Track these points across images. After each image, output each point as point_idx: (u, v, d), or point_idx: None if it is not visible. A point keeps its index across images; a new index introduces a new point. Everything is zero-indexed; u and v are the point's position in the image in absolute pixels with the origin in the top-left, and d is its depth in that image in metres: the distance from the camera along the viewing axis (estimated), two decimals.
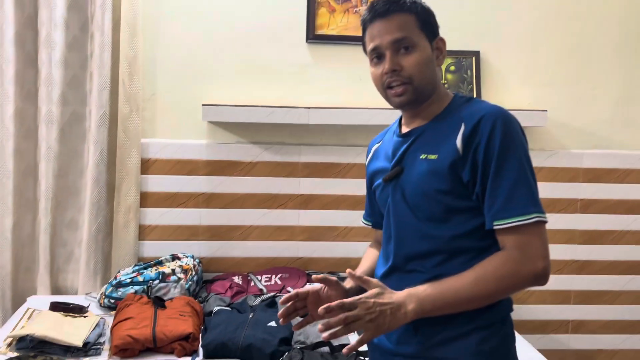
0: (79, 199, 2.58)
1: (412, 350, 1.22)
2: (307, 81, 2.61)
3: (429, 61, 1.24)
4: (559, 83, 2.70)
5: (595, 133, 2.73)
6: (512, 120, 1.21)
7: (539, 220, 1.16)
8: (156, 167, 2.59)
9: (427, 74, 1.24)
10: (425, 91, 1.25)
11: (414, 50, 1.22)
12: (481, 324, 1.20)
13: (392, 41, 1.22)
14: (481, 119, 1.18)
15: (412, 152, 1.26)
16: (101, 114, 2.48)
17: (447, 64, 2.64)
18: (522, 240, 1.14)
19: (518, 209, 1.15)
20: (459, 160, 1.18)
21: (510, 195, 1.15)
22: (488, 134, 1.16)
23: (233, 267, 2.64)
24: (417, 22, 1.23)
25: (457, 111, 1.23)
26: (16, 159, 2.48)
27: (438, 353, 1.20)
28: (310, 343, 2.00)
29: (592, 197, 2.74)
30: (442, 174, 1.19)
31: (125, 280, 2.32)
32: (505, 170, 1.16)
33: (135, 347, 1.92)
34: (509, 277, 1.14)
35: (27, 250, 2.56)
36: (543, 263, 1.15)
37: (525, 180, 1.16)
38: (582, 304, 2.78)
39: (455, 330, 1.19)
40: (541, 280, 1.17)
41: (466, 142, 1.18)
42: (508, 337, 1.24)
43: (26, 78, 2.49)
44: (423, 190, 1.21)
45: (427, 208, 1.22)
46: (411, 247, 1.25)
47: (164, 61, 2.57)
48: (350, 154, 2.64)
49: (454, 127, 1.21)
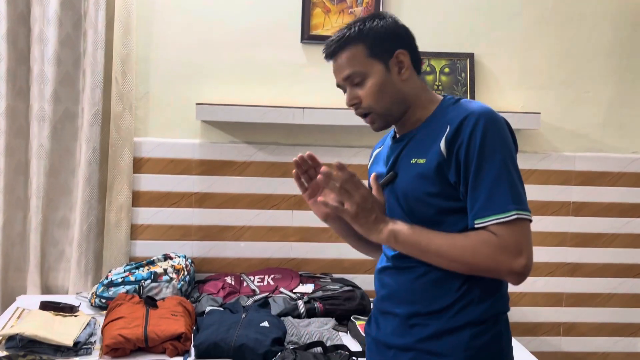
0: (70, 198, 2.56)
1: (406, 343, 1.24)
2: (302, 81, 2.60)
3: (384, 86, 1.26)
4: (553, 86, 2.72)
5: (587, 136, 2.75)
6: (496, 120, 1.21)
7: (518, 218, 1.16)
8: (149, 166, 2.57)
9: (386, 98, 1.27)
10: (393, 113, 1.28)
11: (365, 80, 1.26)
12: (474, 320, 1.22)
13: (344, 79, 1.28)
14: (464, 119, 1.20)
15: (404, 156, 1.29)
16: (94, 112, 2.47)
17: (442, 66, 2.64)
18: (502, 235, 1.16)
19: (497, 207, 1.16)
20: (444, 163, 1.20)
21: (490, 194, 1.16)
22: (469, 134, 1.18)
23: (225, 268, 2.63)
24: (366, 49, 1.26)
25: (444, 114, 1.26)
26: (7, 156, 2.46)
27: (431, 346, 1.22)
28: (303, 344, 1.99)
29: (584, 200, 2.75)
30: (430, 177, 1.22)
31: (117, 279, 2.30)
32: (485, 169, 1.17)
33: (126, 347, 1.90)
34: (484, 257, 1.16)
35: (18, 248, 2.54)
36: (523, 261, 1.15)
37: (506, 178, 1.17)
38: (574, 306, 2.79)
39: (449, 324, 1.21)
40: (516, 277, 1.18)
41: (449, 144, 1.20)
42: (501, 335, 1.25)
43: (18, 75, 2.47)
44: (414, 194, 1.24)
45: (420, 211, 1.24)
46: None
47: (157, 60, 2.56)
48: (345, 154, 2.64)
49: (439, 130, 1.23)
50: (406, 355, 1.24)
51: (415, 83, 1.31)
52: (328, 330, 2.14)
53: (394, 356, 1.26)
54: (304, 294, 2.38)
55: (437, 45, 2.64)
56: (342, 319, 2.27)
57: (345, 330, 2.20)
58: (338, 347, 1.98)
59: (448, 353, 1.20)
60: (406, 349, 1.24)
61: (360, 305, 2.31)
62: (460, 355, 1.20)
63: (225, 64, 2.58)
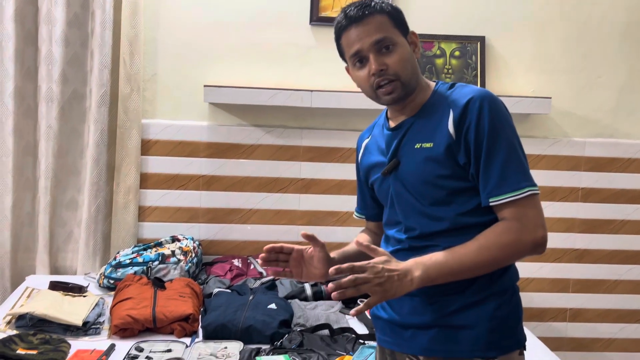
0: (78, 179, 2.57)
1: (427, 320, 1.25)
2: (311, 63, 2.58)
3: (409, 56, 1.29)
4: (564, 70, 2.68)
5: (598, 121, 2.72)
6: (498, 101, 1.25)
7: (531, 193, 1.21)
8: (157, 148, 2.57)
9: (410, 69, 1.28)
10: (411, 85, 1.29)
11: (395, 48, 1.26)
12: (497, 290, 1.25)
13: (373, 43, 1.25)
14: (468, 102, 1.23)
15: (406, 143, 1.30)
16: (102, 93, 2.46)
17: (452, 49, 2.62)
18: (519, 212, 1.20)
19: (511, 185, 1.20)
20: (453, 145, 1.23)
21: (502, 173, 1.20)
22: (477, 116, 1.21)
23: (233, 250, 2.64)
24: (391, 21, 1.28)
25: (443, 98, 1.28)
26: (16, 137, 2.46)
27: (454, 321, 1.24)
28: (310, 326, 2.00)
29: (593, 186, 2.73)
30: (440, 160, 1.24)
31: (125, 261, 2.31)
32: (496, 149, 1.21)
33: (134, 327, 1.92)
34: (511, 245, 1.19)
35: (27, 229, 2.56)
36: (542, 232, 1.20)
37: (515, 157, 1.22)
38: (581, 292, 2.79)
39: (473, 297, 1.23)
40: (539, 248, 1.21)
41: (457, 126, 1.22)
42: (518, 306, 1.29)
43: (26, 55, 2.47)
44: (424, 177, 1.26)
45: (430, 194, 1.26)
46: (420, 230, 1.29)
47: (165, 41, 2.55)
48: (352, 138, 2.59)
49: (442, 114, 1.25)
50: (427, 332, 1.25)
51: (418, 66, 1.34)
52: (335, 313, 2.15)
53: (412, 335, 1.27)
54: None
55: (448, 28, 2.61)
56: (348, 302, 2.27)
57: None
58: (345, 329, 1.99)
59: (473, 324, 1.22)
60: (427, 326, 1.25)
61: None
62: (485, 325, 1.22)
63: (234, 46, 2.56)
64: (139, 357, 1.77)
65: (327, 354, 1.80)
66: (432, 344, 1.25)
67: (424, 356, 1.26)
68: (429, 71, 2.60)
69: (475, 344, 1.22)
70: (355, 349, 1.81)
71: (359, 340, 1.93)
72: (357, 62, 1.29)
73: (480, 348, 1.22)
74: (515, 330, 1.26)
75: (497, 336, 1.23)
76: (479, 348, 1.22)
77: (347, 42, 1.29)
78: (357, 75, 1.30)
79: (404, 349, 1.29)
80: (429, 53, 2.60)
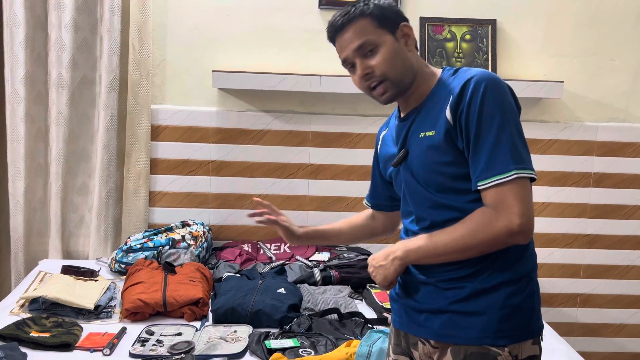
0: (89, 165, 2.59)
1: (439, 306, 1.26)
2: (319, 48, 2.56)
3: (395, 53, 1.28)
4: (577, 54, 2.64)
5: (611, 105, 2.68)
6: (496, 82, 1.22)
7: (519, 177, 1.17)
8: (166, 134, 2.58)
9: (398, 65, 1.28)
10: (404, 81, 1.29)
11: (378, 49, 1.27)
12: (510, 278, 1.24)
13: (355, 49, 1.28)
14: (465, 84, 1.22)
15: (412, 132, 1.31)
16: (111, 78, 2.47)
17: (463, 33, 2.58)
18: (497, 198, 1.18)
19: (498, 168, 1.18)
20: (451, 130, 1.22)
21: (491, 155, 1.18)
22: (469, 98, 1.20)
23: (242, 235, 2.66)
24: (373, 22, 1.28)
25: (445, 85, 1.28)
26: (27, 123, 2.48)
27: (466, 307, 1.24)
28: (319, 310, 2.01)
29: (606, 171, 2.70)
30: (441, 147, 1.24)
31: (136, 245, 2.34)
32: (485, 131, 1.18)
33: (145, 311, 1.95)
34: (483, 231, 1.18)
35: (39, 214, 2.59)
36: (519, 220, 1.16)
37: (506, 139, 1.18)
38: (592, 278, 2.77)
39: (485, 284, 1.23)
40: (517, 236, 1.18)
41: (454, 110, 1.22)
42: (534, 294, 1.28)
43: (36, 41, 2.48)
44: (428, 166, 1.27)
45: (436, 181, 1.26)
46: (430, 219, 1.29)
47: (174, 27, 2.54)
48: (361, 123, 2.62)
49: (444, 101, 1.25)
50: (439, 317, 1.26)
51: (418, 57, 1.34)
52: (343, 298, 2.15)
53: (425, 319, 1.28)
54: (319, 262, 2.39)
55: (458, 11, 2.58)
56: (357, 287, 2.28)
57: (360, 298, 2.21)
58: (353, 314, 2.00)
59: (483, 311, 1.22)
60: (439, 311, 1.26)
61: None
62: (495, 313, 1.22)
63: (242, 31, 2.55)
64: (149, 340, 1.79)
65: (336, 338, 1.81)
66: (443, 329, 1.25)
67: (435, 340, 1.26)
68: (439, 55, 2.57)
69: (484, 331, 1.21)
70: (364, 334, 1.82)
71: (367, 325, 1.93)
72: (350, 68, 1.33)
73: (490, 336, 1.21)
74: (529, 319, 1.24)
75: (508, 324, 1.21)
76: (489, 335, 1.21)
77: (337, 50, 1.33)
78: (353, 79, 1.34)
79: (417, 332, 1.30)
80: (439, 37, 2.58)
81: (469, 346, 1.22)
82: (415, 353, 1.31)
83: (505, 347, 1.21)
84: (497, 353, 1.20)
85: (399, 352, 1.36)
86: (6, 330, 1.76)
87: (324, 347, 1.75)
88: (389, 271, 1.29)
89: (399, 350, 1.36)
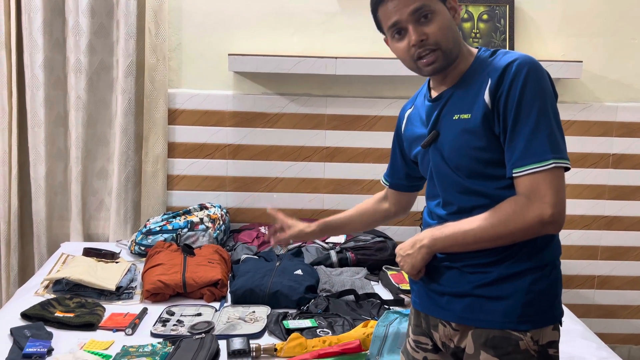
0: (108, 149, 2.62)
1: (463, 289, 1.26)
2: (335, 30, 2.56)
3: (450, 23, 1.24)
4: (596, 33, 2.60)
5: (631, 85, 2.64)
6: (537, 68, 1.18)
7: (555, 166, 1.15)
8: (183, 118, 2.60)
9: (451, 36, 1.23)
10: (453, 53, 1.25)
11: (434, 16, 1.22)
12: (535, 265, 1.23)
13: (411, 12, 1.21)
14: (505, 68, 1.18)
15: (445, 114, 1.27)
16: (128, 63, 2.49)
17: (480, 12, 2.55)
18: (531, 187, 1.15)
19: (536, 156, 1.15)
20: (489, 114, 1.19)
21: (528, 142, 1.15)
22: (509, 83, 1.17)
23: (259, 218, 2.68)
24: None
25: (483, 66, 1.24)
26: (47, 108, 2.52)
27: (490, 292, 1.23)
28: (336, 292, 2.03)
29: (625, 152, 2.67)
30: (477, 131, 1.20)
31: (155, 228, 2.37)
32: (524, 117, 1.15)
33: (165, 292, 1.98)
34: (515, 221, 1.16)
35: (60, 197, 2.63)
36: (551, 210, 1.14)
37: (546, 127, 1.16)
38: (609, 259, 2.76)
39: (511, 269, 1.22)
40: (549, 226, 1.16)
41: (493, 94, 1.18)
42: (557, 281, 1.27)
43: (54, 27, 2.50)
44: (461, 150, 1.23)
45: (467, 166, 1.24)
46: (458, 204, 1.28)
47: (189, 10, 2.54)
48: (377, 106, 2.61)
49: (481, 83, 1.21)
50: (462, 301, 1.25)
51: (459, 32, 1.29)
52: (360, 280, 2.17)
53: (447, 302, 1.28)
54: (336, 244, 2.41)
55: None
56: (373, 269, 2.30)
57: (376, 279, 2.23)
58: (370, 295, 2.02)
59: (508, 296, 1.22)
60: (462, 295, 1.26)
61: (391, 255, 2.33)
62: (520, 298, 1.21)
63: (258, 14, 2.55)
64: (170, 320, 1.83)
65: (353, 318, 1.83)
66: (465, 312, 1.25)
67: (457, 323, 1.26)
68: None
69: (507, 315, 1.21)
70: (380, 314, 1.84)
71: (383, 306, 1.95)
72: (395, 34, 1.25)
73: (513, 320, 1.21)
74: (551, 305, 1.24)
75: (531, 310, 1.21)
76: (512, 320, 1.21)
77: (384, 14, 1.25)
78: (397, 47, 1.26)
79: (439, 314, 1.30)
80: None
81: (491, 330, 1.22)
82: (435, 335, 1.32)
83: (528, 332, 1.20)
84: (519, 338, 1.20)
85: (418, 333, 1.37)
86: (32, 310, 1.81)
87: (341, 327, 1.78)
88: (417, 259, 1.27)
89: (419, 331, 1.37)
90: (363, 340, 1.64)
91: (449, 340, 1.29)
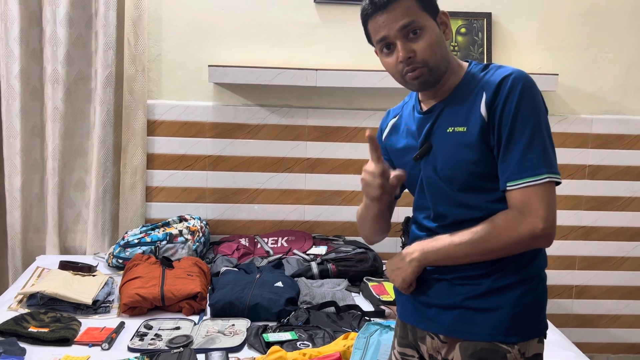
0: (85, 160, 2.59)
1: (452, 302, 1.26)
2: (315, 42, 2.57)
3: (439, 39, 1.24)
4: (572, 47, 2.65)
5: (606, 98, 2.70)
6: (532, 84, 1.20)
7: (549, 181, 1.16)
8: (162, 129, 2.58)
9: (439, 53, 1.23)
10: (440, 70, 1.25)
11: (423, 32, 1.22)
12: (523, 277, 1.23)
13: (400, 28, 1.21)
14: (501, 82, 1.18)
15: (438, 127, 1.26)
16: (107, 74, 2.46)
17: (458, 26, 2.59)
18: (524, 201, 1.16)
19: (530, 170, 1.15)
20: (486, 127, 1.19)
21: (523, 157, 1.16)
22: (505, 97, 1.17)
23: (240, 230, 2.66)
24: (418, 3, 1.22)
25: (475, 81, 1.24)
26: (23, 118, 2.48)
27: (480, 304, 1.23)
28: (316, 303, 2.02)
29: (601, 163, 2.72)
30: (473, 145, 1.21)
31: (133, 240, 2.34)
32: (519, 131, 1.16)
33: (143, 306, 1.95)
34: (506, 234, 1.17)
35: (36, 210, 2.58)
36: (543, 224, 1.15)
37: (539, 142, 1.17)
38: (587, 269, 2.79)
39: (500, 283, 1.23)
40: (540, 240, 1.17)
41: (489, 107, 1.19)
42: (544, 294, 1.28)
43: (31, 36, 2.47)
44: (455, 162, 1.23)
45: (461, 179, 1.23)
46: (449, 216, 1.27)
47: (169, 21, 2.54)
48: (358, 117, 2.62)
49: (475, 96, 1.22)
50: (451, 313, 1.25)
51: (448, 47, 1.31)
52: (341, 291, 2.17)
53: (436, 314, 1.27)
54: (317, 256, 2.40)
55: (454, 4, 2.58)
56: (354, 280, 2.29)
57: (357, 291, 2.23)
58: (351, 307, 2.01)
59: (496, 309, 1.22)
60: (451, 307, 1.25)
61: (372, 266, 2.33)
62: (509, 311, 1.22)
63: (238, 25, 2.55)
64: (148, 334, 1.80)
65: (333, 330, 1.82)
66: (454, 325, 1.25)
67: (445, 335, 1.26)
68: None
69: (496, 328, 1.21)
70: (361, 326, 1.83)
71: (364, 317, 1.95)
72: (384, 48, 1.25)
73: (501, 333, 1.21)
74: (537, 318, 1.25)
75: (519, 322, 1.22)
76: (500, 333, 1.21)
77: (373, 27, 1.24)
78: (386, 61, 1.26)
79: (427, 326, 1.29)
80: None
81: (479, 342, 1.22)
82: (422, 347, 1.31)
83: (515, 345, 1.20)
84: (507, 350, 1.20)
85: (404, 345, 1.36)
86: (5, 325, 1.76)
87: (321, 339, 1.77)
88: (407, 273, 1.27)
89: (405, 343, 1.36)
90: (343, 353, 1.63)
91: (436, 352, 1.28)
